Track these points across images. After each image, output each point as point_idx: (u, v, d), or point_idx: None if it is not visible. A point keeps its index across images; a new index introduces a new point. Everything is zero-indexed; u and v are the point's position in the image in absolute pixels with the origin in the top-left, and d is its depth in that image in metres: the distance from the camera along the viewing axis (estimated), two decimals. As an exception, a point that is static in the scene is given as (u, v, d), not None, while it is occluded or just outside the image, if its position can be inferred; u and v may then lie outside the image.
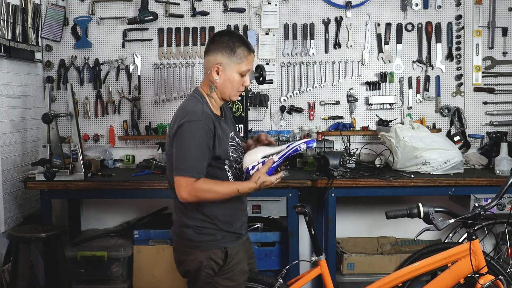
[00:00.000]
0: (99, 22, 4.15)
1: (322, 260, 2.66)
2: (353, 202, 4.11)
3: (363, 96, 4.15)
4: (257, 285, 2.65)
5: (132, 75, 4.17)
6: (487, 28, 4.10)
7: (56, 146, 3.61)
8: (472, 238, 2.47)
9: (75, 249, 3.69)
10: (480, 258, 2.48)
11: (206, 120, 2.23)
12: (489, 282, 2.42)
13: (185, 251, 2.37)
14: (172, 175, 2.26)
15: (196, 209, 2.32)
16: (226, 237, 2.35)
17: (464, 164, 3.72)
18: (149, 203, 4.08)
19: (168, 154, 2.36)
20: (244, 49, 2.31)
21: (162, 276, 3.68)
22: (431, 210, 2.31)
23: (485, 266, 2.46)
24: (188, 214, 2.33)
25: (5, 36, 3.53)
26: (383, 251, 3.98)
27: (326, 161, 3.53)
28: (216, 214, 2.33)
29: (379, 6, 4.11)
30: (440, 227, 2.32)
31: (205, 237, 2.33)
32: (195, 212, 2.32)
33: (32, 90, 4.01)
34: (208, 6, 4.12)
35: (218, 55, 2.29)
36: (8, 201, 3.60)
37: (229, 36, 2.33)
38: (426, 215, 2.32)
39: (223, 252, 2.34)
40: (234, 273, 2.36)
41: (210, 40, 2.36)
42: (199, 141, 2.20)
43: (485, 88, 4.13)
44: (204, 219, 2.32)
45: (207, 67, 2.35)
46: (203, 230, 2.32)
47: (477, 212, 2.42)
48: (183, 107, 2.33)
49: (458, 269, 2.52)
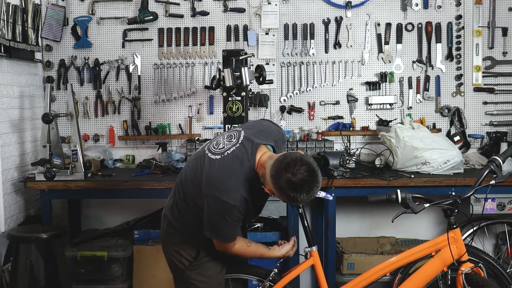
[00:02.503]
0: (99, 22, 4.15)
1: (314, 251, 2.74)
2: (353, 202, 4.11)
3: (363, 96, 4.15)
4: (251, 277, 2.71)
5: (132, 75, 4.16)
6: (487, 28, 4.10)
7: (56, 146, 3.61)
8: (452, 227, 2.55)
9: (75, 249, 3.69)
10: (461, 246, 2.54)
11: (241, 205, 2.19)
12: (469, 268, 2.50)
13: (164, 240, 2.50)
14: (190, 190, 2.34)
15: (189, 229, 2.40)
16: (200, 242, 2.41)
17: (464, 164, 3.72)
18: (149, 203, 4.08)
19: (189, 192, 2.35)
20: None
21: (162, 276, 3.68)
22: (408, 196, 2.43)
23: (466, 254, 2.53)
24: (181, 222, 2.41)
25: (5, 36, 3.53)
26: (383, 251, 3.98)
27: (326, 161, 3.54)
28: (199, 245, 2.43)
29: (379, 6, 4.11)
30: (415, 210, 2.42)
31: (177, 233, 2.42)
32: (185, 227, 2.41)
33: (32, 90, 4.00)
34: (208, 6, 4.12)
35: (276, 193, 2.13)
36: (8, 201, 3.60)
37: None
38: (404, 200, 2.43)
39: (192, 250, 2.41)
40: (206, 267, 2.42)
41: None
42: (232, 221, 2.22)
43: (485, 88, 4.12)
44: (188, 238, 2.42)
45: (266, 177, 2.14)
46: (179, 232, 2.42)
47: (453, 200, 2.51)
48: (220, 178, 2.19)
49: (441, 258, 2.59)
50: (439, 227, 4.13)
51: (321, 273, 2.76)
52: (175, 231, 2.42)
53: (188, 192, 2.34)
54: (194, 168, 2.33)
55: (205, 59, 4.15)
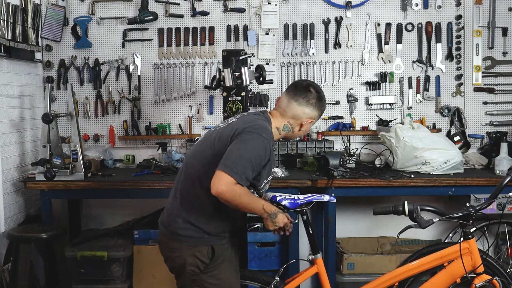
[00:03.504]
0: (99, 22, 4.15)
1: (319, 258, 2.67)
2: (353, 202, 4.11)
3: (363, 96, 4.15)
4: (254, 283, 2.66)
5: (132, 75, 4.17)
6: (487, 28, 4.10)
7: (56, 146, 3.61)
8: (467, 237, 2.45)
9: (75, 249, 3.69)
10: (476, 257, 2.45)
11: (271, 143, 2.29)
12: (484, 282, 2.40)
13: (169, 246, 2.40)
14: (203, 163, 2.32)
15: (200, 212, 2.33)
16: (213, 237, 2.37)
17: (464, 164, 3.72)
18: (149, 203, 4.07)
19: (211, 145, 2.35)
20: (325, 105, 2.50)
21: (162, 276, 3.68)
22: (416, 208, 2.32)
23: (481, 265, 2.43)
24: (191, 210, 2.34)
25: (5, 36, 3.53)
26: (383, 251, 3.98)
27: (326, 161, 3.53)
28: (210, 228, 2.35)
29: (379, 6, 4.11)
30: (423, 225, 2.32)
31: (192, 233, 2.34)
32: (197, 214, 2.34)
33: (32, 90, 4.01)
34: (208, 6, 4.12)
35: (315, 112, 2.44)
36: (8, 201, 3.60)
37: (319, 94, 2.44)
38: (411, 213, 2.33)
39: (208, 250, 2.35)
40: (220, 271, 2.37)
41: (316, 95, 2.42)
42: (257, 155, 2.23)
43: (485, 88, 4.12)
44: (199, 222, 2.34)
45: (295, 112, 2.41)
46: (192, 227, 2.34)
47: (468, 212, 2.41)
48: (255, 119, 2.36)
49: (454, 269, 2.50)
50: (440, 228, 4.12)
51: (326, 281, 2.67)
52: (191, 232, 2.34)
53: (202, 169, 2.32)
54: (202, 144, 2.41)
55: (205, 59, 4.15)
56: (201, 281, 2.36)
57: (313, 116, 2.44)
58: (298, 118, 2.42)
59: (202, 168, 2.32)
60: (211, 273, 2.35)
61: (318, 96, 2.43)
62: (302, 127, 2.45)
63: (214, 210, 2.33)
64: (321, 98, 2.44)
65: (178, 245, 2.36)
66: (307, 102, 2.40)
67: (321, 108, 2.46)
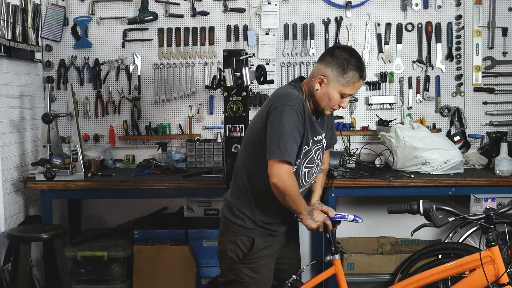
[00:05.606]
0: (99, 22, 4.15)
1: (337, 259, 2.62)
2: (353, 202, 4.11)
3: (363, 96, 4.15)
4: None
5: (132, 75, 4.17)
6: (487, 28, 4.10)
7: (56, 146, 3.61)
8: (490, 244, 2.29)
9: (75, 249, 3.69)
10: (500, 266, 2.29)
11: (299, 105, 2.25)
12: None
13: (220, 229, 2.48)
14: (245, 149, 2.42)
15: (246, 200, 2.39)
16: (256, 229, 2.39)
17: (464, 164, 3.72)
18: (149, 203, 4.08)
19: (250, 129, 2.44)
20: (356, 74, 2.30)
21: (162, 276, 3.69)
22: (431, 207, 2.26)
23: (505, 275, 2.26)
24: (240, 196, 2.40)
25: (5, 36, 3.53)
26: (383, 251, 3.98)
27: (326, 161, 3.53)
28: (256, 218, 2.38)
29: (379, 6, 4.11)
30: (438, 223, 2.26)
31: (237, 220, 2.39)
32: (246, 200, 2.39)
33: (32, 90, 4.00)
34: (208, 6, 4.12)
35: (328, 68, 2.31)
36: (8, 201, 3.59)
37: (349, 55, 2.31)
38: (426, 212, 2.27)
39: (249, 240, 2.37)
40: (259, 265, 2.39)
41: (330, 51, 2.36)
42: (292, 125, 2.21)
43: (485, 88, 4.12)
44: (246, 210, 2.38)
45: (314, 72, 2.38)
46: (238, 214, 2.39)
47: (488, 215, 2.26)
48: (279, 90, 2.41)
49: (476, 279, 2.34)
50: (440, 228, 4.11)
51: (343, 282, 2.61)
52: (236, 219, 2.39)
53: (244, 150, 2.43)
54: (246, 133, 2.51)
55: (205, 59, 4.15)
56: (237, 270, 2.38)
57: (325, 73, 2.30)
58: (314, 76, 2.36)
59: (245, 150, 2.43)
60: (250, 265, 2.37)
61: (330, 51, 2.35)
62: (317, 85, 2.33)
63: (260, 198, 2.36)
64: (333, 53, 2.32)
65: (225, 230, 2.43)
66: (321, 59, 2.38)
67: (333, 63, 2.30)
